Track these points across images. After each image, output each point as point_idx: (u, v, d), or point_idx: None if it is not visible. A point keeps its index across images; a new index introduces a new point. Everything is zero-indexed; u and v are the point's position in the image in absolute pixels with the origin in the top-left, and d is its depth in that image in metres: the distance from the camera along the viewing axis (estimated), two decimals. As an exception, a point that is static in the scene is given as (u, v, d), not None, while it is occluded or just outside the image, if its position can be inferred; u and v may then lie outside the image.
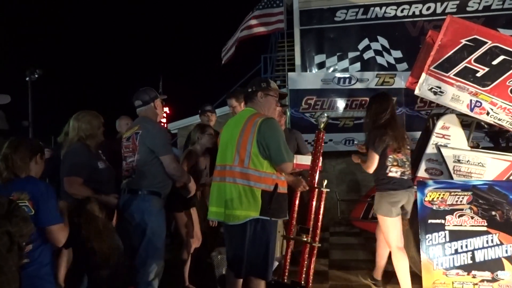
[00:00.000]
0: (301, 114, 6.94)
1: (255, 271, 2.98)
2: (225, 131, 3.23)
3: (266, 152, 2.94)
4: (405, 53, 7.70)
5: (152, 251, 3.29)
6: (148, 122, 3.44)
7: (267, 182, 2.95)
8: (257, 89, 3.19)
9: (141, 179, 3.31)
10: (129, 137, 3.45)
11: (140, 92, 3.57)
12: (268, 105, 3.21)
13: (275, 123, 3.02)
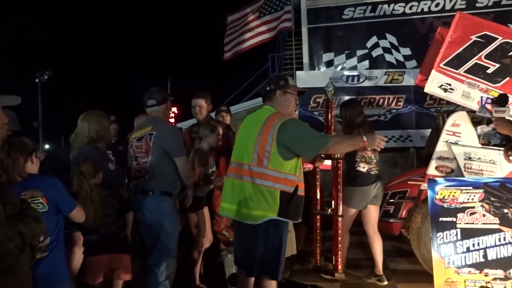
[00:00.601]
0: (310, 113, 6.91)
1: (267, 270, 2.96)
2: (242, 128, 3.18)
3: (292, 152, 2.89)
4: (414, 50, 7.66)
5: (165, 251, 3.29)
6: (161, 123, 3.43)
7: (286, 183, 2.91)
8: (276, 87, 3.11)
9: (154, 180, 3.31)
10: (141, 137, 3.41)
11: (153, 91, 3.56)
12: (287, 103, 3.13)
13: (294, 120, 2.98)
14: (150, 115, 3.54)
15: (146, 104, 3.52)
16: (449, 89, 4.23)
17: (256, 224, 2.88)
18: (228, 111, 5.32)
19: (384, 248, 4.52)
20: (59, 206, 2.59)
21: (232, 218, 3.09)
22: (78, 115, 3.75)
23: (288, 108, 3.15)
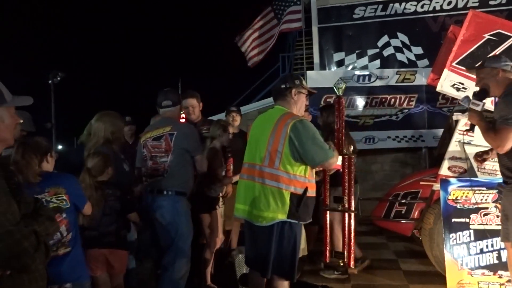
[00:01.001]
0: (320, 113, 6.88)
1: (282, 272, 2.96)
2: (254, 128, 3.18)
3: (299, 154, 2.87)
4: (425, 49, 7.58)
5: (180, 251, 3.33)
6: (181, 124, 3.55)
7: (296, 185, 2.91)
8: (291, 86, 3.09)
9: (172, 179, 3.36)
10: (159, 137, 3.44)
11: (168, 92, 3.59)
12: (300, 103, 3.14)
13: (307, 123, 2.95)
14: (164, 115, 3.57)
15: (161, 105, 3.55)
16: (462, 88, 4.18)
17: (267, 225, 2.88)
18: (238, 111, 5.32)
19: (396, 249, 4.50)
20: (76, 202, 2.69)
21: (244, 219, 3.10)
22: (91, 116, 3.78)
23: (300, 109, 3.16)
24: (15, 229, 1.51)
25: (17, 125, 1.73)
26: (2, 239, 1.47)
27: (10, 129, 1.67)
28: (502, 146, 2.91)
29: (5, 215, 1.51)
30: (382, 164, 7.61)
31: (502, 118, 2.92)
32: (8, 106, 1.65)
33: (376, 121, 7.04)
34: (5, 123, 1.63)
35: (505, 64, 3.13)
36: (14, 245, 1.49)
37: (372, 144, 7.07)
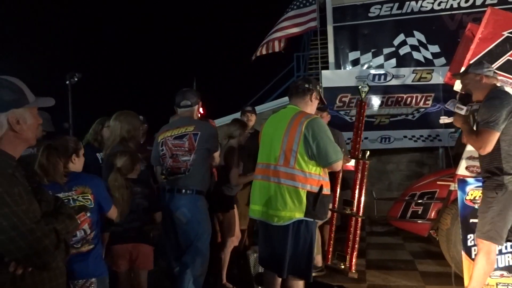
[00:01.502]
0: (336, 112, 6.85)
1: (298, 271, 2.96)
2: (267, 128, 3.20)
3: (313, 152, 2.89)
4: (443, 47, 7.47)
5: (199, 250, 3.36)
6: (203, 123, 3.58)
7: (312, 183, 2.92)
8: (313, 89, 3.16)
9: (192, 178, 3.40)
10: (181, 135, 3.46)
11: (187, 92, 3.62)
12: (314, 106, 3.22)
13: (322, 123, 2.98)
14: (183, 115, 3.60)
15: (179, 105, 3.58)
16: (480, 87, 4.11)
17: (284, 225, 2.88)
18: (253, 111, 5.34)
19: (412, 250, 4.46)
20: (101, 204, 2.78)
21: (260, 220, 3.10)
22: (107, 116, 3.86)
23: (311, 112, 3.19)
24: (36, 227, 1.54)
25: (39, 125, 1.76)
26: (24, 237, 1.50)
27: (32, 130, 1.70)
28: (484, 148, 3.09)
29: (27, 213, 1.53)
30: (397, 164, 7.54)
31: (483, 121, 3.09)
32: (31, 107, 1.68)
33: (392, 121, 6.97)
34: (27, 124, 1.66)
35: (488, 70, 3.30)
36: (35, 243, 1.52)
37: (388, 143, 7.01)
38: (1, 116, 1.60)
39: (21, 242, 1.49)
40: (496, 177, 3.15)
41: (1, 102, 1.60)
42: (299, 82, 3.26)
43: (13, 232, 1.48)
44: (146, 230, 3.36)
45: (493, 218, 3.12)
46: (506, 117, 3.06)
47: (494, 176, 3.16)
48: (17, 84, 1.67)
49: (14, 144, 1.65)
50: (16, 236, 1.48)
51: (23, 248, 1.50)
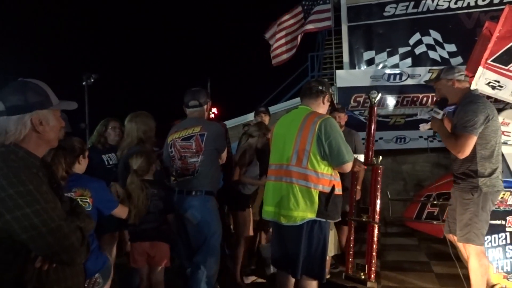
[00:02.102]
0: (350, 113, 6.79)
1: (311, 272, 2.95)
2: (279, 128, 3.20)
3: (325, 151, 2.89)
4: (459, 46, 7.37)
5: (211, 250, 3.37)
6: (210, 124, 3.53)
7: (324, 183, 2.91)
8: (327, 91, 3.18)
9: (201, 179, 3.39)
10: (188, 137, 3.46)
11: (196, 92, 3.59)
12: (325, 108, 3.22)
13: (334, 123, 2.98)
14: (191, 115, 3.59)
15: (188, 105, 3.57)
16: (498, 87, 4.06)
17: (297, 225, 2.88)
18: (267, 111, 5.35)
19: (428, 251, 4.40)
20: (100, 208, 2.88)
21: (272, 221, 3.10)
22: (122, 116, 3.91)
23: (323, 113, 3.19)
24: (65, 224, 1.58)
25: (62, 128, 1.82)
26: (53, 233, 1.54)
27: (55, 131, 1.75)
28: (462, 152, 3.17)
29: (55, 210, 1.58)
30: (413, 165, 7.46)
31: (461, 126, 3.18)
32: (54, 109, 1.74)
33: (408, 121, 6.90)
34: (50, 125, 1.71)
35: (459, 75, 3.43)
36: (63, 239, 1.56)
37: (403, 143, 6.94)
38: (25, 117, 1.65)
39: (50, 238, 1.53)
40: (471, 180, 3.26)
41: (26, 103, 1.66)
42: (312, 83, 3.25)
43: (43, 228, 1.52)
44: (163, 229, 3.42)
45: (471, 219, 3.23)
46: (483, 122, 3.16)
47: (469, 179, 3.27)
48: (42, 87, 1.73)
49: (37, 144, 1.70)
50: (46, 232, 1.53)
51: (52, 244, 1.54)
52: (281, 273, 3.16)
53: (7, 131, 1.64)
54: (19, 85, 1.70)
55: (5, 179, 1.52)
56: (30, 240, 1.52)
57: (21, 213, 1.50)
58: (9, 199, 1.50)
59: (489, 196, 3.24)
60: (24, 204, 1.51)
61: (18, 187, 1.52)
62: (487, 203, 3.24)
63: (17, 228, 1.50)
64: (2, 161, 1.56)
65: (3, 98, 1.65)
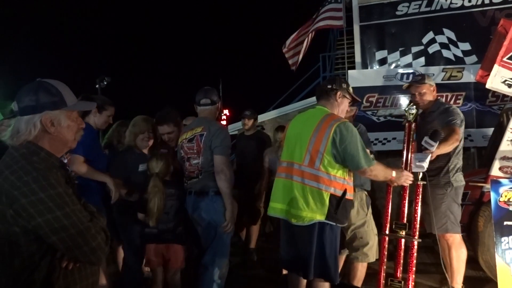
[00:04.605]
0: (363, 113, 6.74)
1: (324, 273, 2.92)
2: (293, 127, 3.15)
3: (341, 156, 2.84)
4: (474, 45, 7.28)
5: (219, 251, 3.33)
6: (211, 123, 3.43)
7: (336, 186, 2.87)
8: (338, 88, 3.09)
9: (208, 180, 3.33)
10: (191, 138, 3.44)
11: (207, 90, 3.54)
12: (342, 107, 3.14)
13: (351, 127, 2.91)
14: (200, 114, 3.55)
15: (199, 103, 3.53)
16: (514, 85, 3.98)
17: (305, 225, 2.85)
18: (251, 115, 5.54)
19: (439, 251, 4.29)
20: None
21: (281, 218, 3.07)
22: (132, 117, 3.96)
23: (342, 112, 3.14)
24: (92, 225, 1.63)
25: (81, 129, 1.79)
26: (82, 235, 1.58)
27: (70, 132, 1.73)
28: (458, 140, 3.52)
29: (82, 212, 1.62)
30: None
31: (451, 122, 3.57)
32: (68, 110, 1.72)
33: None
34: (62, 126, 1.70)
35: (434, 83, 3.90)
36: (91, 240, 1.60)
37: (417, 144, 6.86)
38: (35, 117, 1.65)
39: (79, 239, 1.57)
40: (443, 175, 3.68)
41: (36, 103, 1.65)
42: (324, 82, 3.23)
43: (73, 230, 1.56)
44: (179, 230, 3.44)
45: (446, 211, 3.64)
46: (460, 123, 3.60)
47: (441, 175, 3.68)
48: (56, 87, 1.71)
49: (52, 145, 1.70)
50: (76, 234, 1.56)
51: (80, 245, 1.58)
52: (292, 274, 3.13)
53: (19, 130, 1.65)
54: (34, 85, 1.69)
55: (35, 183, 1.54)
56: (60, 241, 1.56)
57: (52, 216, 1.53)
58: (40, 202, 1.52)
59: (459, 190, 3.69)
60: (54, 207, 1.53)
61: (48, 190, 1.54)
62: (459, 196, 3.70)
63: (48, 231, 1.53)
64: (28, 163, 1.58)
65: (18, 99, 1.67)
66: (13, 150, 1.65)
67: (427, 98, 3.82)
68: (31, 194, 1.52)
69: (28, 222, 1.53)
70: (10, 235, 1.55)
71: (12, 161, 1.61)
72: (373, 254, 3.61)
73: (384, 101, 6.84)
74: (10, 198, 1.53)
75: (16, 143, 1.65)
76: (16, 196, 1.52)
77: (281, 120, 8.58)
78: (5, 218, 1.54)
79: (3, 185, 1.55)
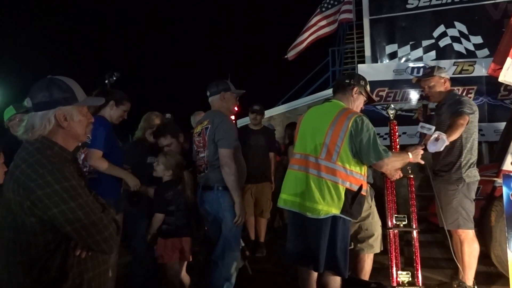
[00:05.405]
0: (372, 107, 6.69)
1: (335, 267, 2.91)
2: (308, 119, 3.14)
3: (356, 149, 2.84)
4: (485, 38, 7.18)
5: (228, 246, 3.31)
6: (216, 115, 3.40)
7: (352, 181, 2.87)
8: (356, 83, 3.11)
9: (214, 175, 3.31)
10: (199, 132, 3.46)
11: (214, 81, 3.55)
12: (358, 103, 3.15)
13: (367, 121, 2.91)
14: (211, 105, 3.53)
15: (207, 94, 3.53)
16: (527, 78, 3.93)
17: (320, 218, 2.84)
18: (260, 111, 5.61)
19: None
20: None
21: (291, 211, 3.06)
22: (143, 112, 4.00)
23: (356, 108, 3.14)
24: (104, 215, 1.70)
25: (90, 123, 1.88)
26: (95, 225, 1.65)
27: (81, 127, 1.82)
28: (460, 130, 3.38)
29: (95, 203, 1.70)
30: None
31: (458, 109, 3.44)
32: (79, 105, 1.80)
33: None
34: (74, 121, 1.78)
35: (446, 74, 3.75)
36: (104, 230, 1.68)
37: (427, 138, 6.81)
38: (49, 113, 1.73)
39: (92, 229, 1.65)
40: (455, 171, 3.59)
41: (50, 99, 1.73)
42: (342, 77, 3.25)
43: (86, 220, 1.63)
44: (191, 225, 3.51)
45: (457, 207, 3.57)
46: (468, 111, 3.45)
47: (453, 171, 3.60)
48: (67, 83, 1.78)
49: (65, 140, 1.78)
50: (88, 224, 1.64)
51: (93, 234, 1.65)
52: (303, 269, 3.12)
53: (34, 126, 1.72)
54: (45, 82, 1.76)
55: (50, 175, 1.61)
56: (74, 231, 1.63)
57: (67, 207, 1.60)
58: (55, 194, 1.60)
59: (472, 186, 3.58)
60: (68, 198, 1.61)
61: (62, 182, 1.62)
62: (471, 192, 3.59)
63: (63, 221, 1.61)
64: (43, 157, 1.66)
65: (31, 95, 1.74)
66: (28, 145, 1.72)
67: (437, 90, 3.76)
68: (46, 186, 1.59)
69: (44, 213, 1.60)
70: (27, 225, 1.62)
71: (28, 155, 1.68)
72: (378, 245, 3.63)
73: (395, 95, 6.80)
74: (27, 190, 1.60)
75: (31, 138, 1.72)
76: (32, 188, 1.59)
77: (290, 115, 8.55)
78: (22, 209, 1.61)
79: (19, 178, 1.62)
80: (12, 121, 3.87)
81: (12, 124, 3.86)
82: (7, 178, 1.70)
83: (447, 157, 3.59)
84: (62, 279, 1.66)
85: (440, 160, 3.67)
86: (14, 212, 1.63)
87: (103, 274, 1.83)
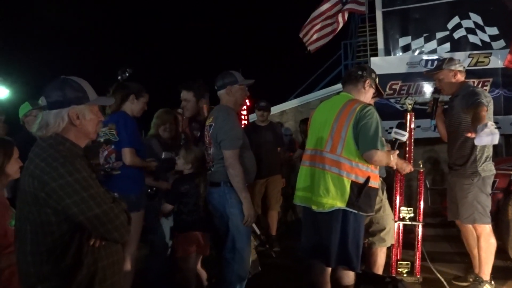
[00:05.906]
0: (386, 100, 6.63)
1: (347, 262, 2.90)
2: (318, 115, 3.14)
3: (357, 137, 2.82)
4: (501, 29, 7.03)
5: (238, 242, 3.25)
6: (220, 113, 3.30)
7: (358, 173, 2.84)
8: (368, 76, 3.10)
9: (217, 173, 3.28)
10: (208, 127, 3.40)
11: (224, 72, 3.45)
12: (368, 96, 3.14)
13: (374, 111, 2.87)
14: (220, 100, 3.46)
15: (215, 87, 3.45)
16: (546, 69, 3.85)
17: (329, 212, 2.84)
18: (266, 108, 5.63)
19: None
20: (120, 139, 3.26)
21: (304, 206, 3.06)
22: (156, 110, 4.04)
23: (366, 101, 3.11)
24: (114, 205, 1.80)
25: (100, 122, 1.98)
26: (107, 214, 1.75)
27: (92, 125, 1.92)
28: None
29: (106, 194, 1.80)
30: (452, 153, 7.23)
31: (478, 100, 3.35)
32: (91, 104, 1.90)
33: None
34: (86, 119, 1.88)
35: (460, 66, 3.72)
36: (115, 219, 1.77)
37: (441, 132, 6.72)
38: (63, 111, 1.83)
39: (104, 218, 1.74)
40: (470, 165, 3.56)
41: (64, 98, 1.83)
42: (353, 68, 3.22)
43: (97, 209, 1.73)
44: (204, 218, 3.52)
45: (473, 201, 3.54)
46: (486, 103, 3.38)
47: (468, 165, 3.57)
48: (80, 83, 1.89)
49: (77, 137, 1.88)
50: (100, 213, 1.73)
51: (105, 223, 1.75)
52: (315, 264, 3.11)
53: (48, 123, 1.83)
54: (59, 82, 1.87)
55: (63, 168, 1.71)
56: (87, 220, 1.72)
57: (79, 198, 1.70)
58: (68, 185, 1.70)
59: (487, 180, 3.55)
60: (81, 189, 1.71)
61: (74, 174, 1.72)
62: (487, 186, 3.56)
63: (76, 211, 1.70)
64: (56, 151, 1.76)
65: (46, 94, 1.84)
66: (42, 141, 1.83)
67: (448, 83, 3.75)
68: (59, 178, 1.70)
69: (58, 203, 1.71)
70: (43, 216, 1.72)
71: (41, 151, 1.78)
72: (390, 239, 3.64)
73: (408, 88, 6.71)
74: (42, 182, 1.70)
75: (45, 135, 1.83)
76: (46, 180, 1.70)
77: (302, 109, 8.52)
78: (38, 201, 1.72)
79: (34, 171, 1.73)
80: (28, 116, 3.95)
81: (28, 120, 3.94)
82: (23, 173, 1.81)
83: (461, 150, 3.57)
84: (77, 267, 1.76)
85: (454, 153, 3.65)
86: (30, 205, 1.73)
87: (116, 263, 1.92)
